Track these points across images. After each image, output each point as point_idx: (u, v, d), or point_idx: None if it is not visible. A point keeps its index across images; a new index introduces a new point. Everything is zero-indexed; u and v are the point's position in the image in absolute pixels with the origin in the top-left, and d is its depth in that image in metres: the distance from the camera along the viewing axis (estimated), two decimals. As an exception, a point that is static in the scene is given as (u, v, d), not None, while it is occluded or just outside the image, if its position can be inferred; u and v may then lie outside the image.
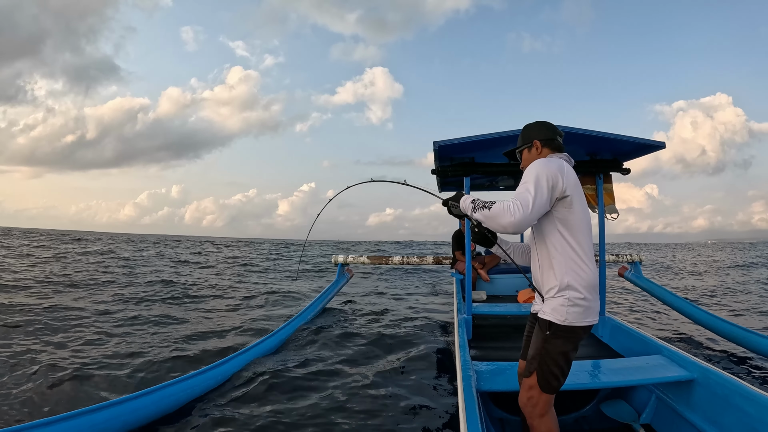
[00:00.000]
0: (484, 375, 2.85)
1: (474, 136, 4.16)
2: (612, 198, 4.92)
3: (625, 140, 4.21)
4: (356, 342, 5.48)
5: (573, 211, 2.03)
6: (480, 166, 4.67)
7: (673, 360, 3.07)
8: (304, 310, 6.06)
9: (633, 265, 7.77)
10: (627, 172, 4.73)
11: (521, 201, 1.90)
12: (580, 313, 1.98)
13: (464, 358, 3.09)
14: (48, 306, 7.09)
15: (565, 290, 1.99)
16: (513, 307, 5.18)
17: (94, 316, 6.65)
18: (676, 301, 6.44)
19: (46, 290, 9.02)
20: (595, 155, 4.72)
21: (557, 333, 1.99)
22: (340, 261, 7.77)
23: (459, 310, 4.81)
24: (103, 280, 10.99)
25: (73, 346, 5.10)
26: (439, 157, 4.70)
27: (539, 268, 2.16)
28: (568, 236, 2.03)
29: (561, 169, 2.02)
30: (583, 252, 2.03)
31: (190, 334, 5.79)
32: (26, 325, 5.86)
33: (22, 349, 4.82)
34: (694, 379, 2.80)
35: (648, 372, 2.90)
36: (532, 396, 2.06)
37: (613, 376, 2.87)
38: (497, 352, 3.95)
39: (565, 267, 2.01)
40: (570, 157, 2.24)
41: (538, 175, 1.96)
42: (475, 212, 2.01)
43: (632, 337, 3.79)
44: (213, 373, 3.85)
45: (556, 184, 1.97)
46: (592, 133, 4.00)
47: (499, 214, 1.90)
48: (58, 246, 26.35)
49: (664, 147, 4.26)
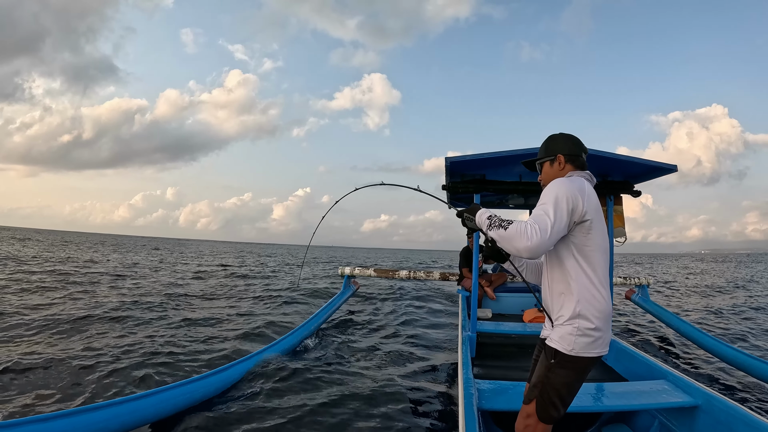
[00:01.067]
0: (486, 393, 2.86)
1: (485, 153, 4.20)
2: (622, 221, 4.91)
3: (636, 162, 4.23)
4: (357, 355, 5.49)
5: (591, 236, 1.91)
6: (491, 184, 4.69)
7: (678, 385, 3.05)
8: (308, 320, 6.07)
9: (640, 288, 7.72)
10: (638, 195, 4.74)
11: (540, 225, 1.78)
12: (588, 343, 1.86)
13: (467, 375, 3.09)
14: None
15: (575, 319, 1.88)
16: (518, 326, 5.16)
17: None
18: (684, 326, 6.37)
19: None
20: (606, 177, 4.73)
21: (562, 362, 1.89)
22: (346, 273, 7.79)
23: (464, 327, 4.81)
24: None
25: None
26: (450, 173, 4.73)
27: (549, 293, 2.04)
28: (583, 262, 1.91)
29: (582, 191, 1.90)
30: (598, 280, 1.91)
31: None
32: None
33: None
34: (698, 406, 2.78)
35: (652, 397, 2.89)
36: (528, 424, 1.97)
37: (616, 400, 2.86)
38: (500, 371, 3.94)
39: (578, 295, 1.89)
40: (592, 176, 2.10)
41: (558, 196, 1.85)
42: (491, 230, 1.88)
43: (637, 360, 3.77)
44: (214, 379, 3.87)
45: (575, 207, 1.86)
46: (603, 154, 4.03)
47: (515, 236, 1.79)
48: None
49: (676, 170, 4.26)
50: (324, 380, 4.44)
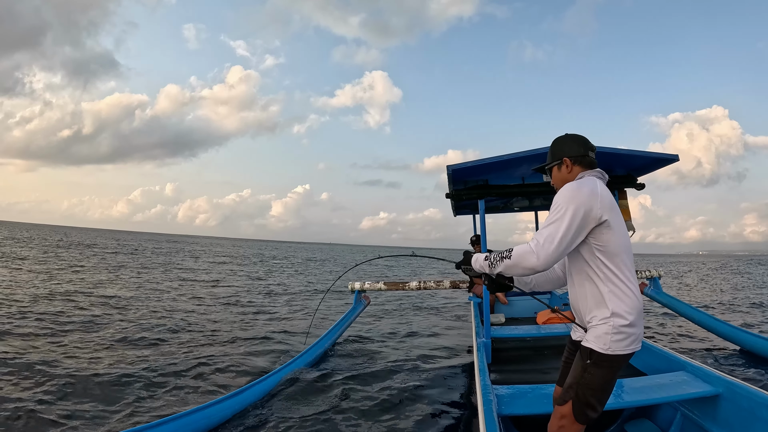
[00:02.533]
0: (505, 399, 2.85)
1: (487, 159, 4.22)
2: (628, 214, 4.92)
3: (638, 155, 4.24)
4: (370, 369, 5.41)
5: (612, 234, 1.89)
6: (494, 188, 4.71)
7: (697, 376, 3.04)
8: (319, 340, 6.04)
9: (652, 281, 7.66)
10: (642, 188, 4.74)
11: (545, 237, 1.81)
12: (623, 340, 1.84)
13: (484, 382, 3.08)
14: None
15: (610, 318, 1.85)
16: (532, 329, 5.15)
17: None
18: (699, 315, 6.33)
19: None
20: (609, 171, 4.75)
21: (599, 362, 1.86)
22: (356, 288, 7.79)
23: (477, 333, 4.80)
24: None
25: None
26: (453, 181, 4.75)
27: (577, 297, 2.02)
28: (608, 262, 1.89)
29: (594, 193, 1.88)
30: (626, 277, 1.89)
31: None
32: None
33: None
34: (719, 394, 2.77)
35: (672, 389, 2.88)
36: (563, 425, 1.95)
37: (637, 395, 2.84)
38: (518, 375, 3.93)
39: (609, 294, 1.87)
40: (603, 172, 2.10)
41: (567, 206, 1.84)
42: (495, 267, 1.93)
43: (654, 354, 3.75)
44: (228, 403, 3.82)
45: (588, 213, 1.84)
46: (604, 149, 4.03)
47: (521, 258, 1.83)
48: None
49: (678, 160, 4.26)
50: (338, 396, 4.41)
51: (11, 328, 6.84)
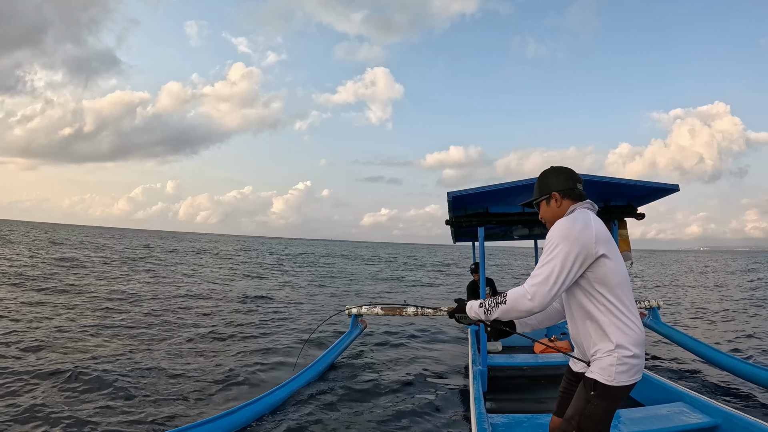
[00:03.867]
0: (500, 428, 2.82)
1: (488, 186, 4.26)
2: (627, 244, 4.92)
3: (637, 185, 4.27)
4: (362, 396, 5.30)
5: (610, 267, 1.87)
6: (494, 216, 4.72)
7: (696, 406, 3.01)
8: (313, 364, 5.96)
9: (651, 311, 7.62)
10: (642, 217, 4.75)
11: (540, 278, 1.80)
12: (628, 371, 1.83)
13: (479, 410, 3.05)
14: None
15: (614, 350, 1.83)
16: (529, 357, 5.10)
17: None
18: (700, 347, 6.26)
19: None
20: (609, 201, 4.76)
21: (603, 394, 1.84)
22: (353, 312, 7.75)
23: (474, 361, 4.75)
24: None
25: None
26: (453, 207, 4.77)
27: (579, 332, 2.00)
28: (608, 294, 1.87)
29: (588, 227, 1.87)
30: (626, 308, 1.87)
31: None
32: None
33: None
34: (717, 425, 2.74)
35: (670, 420, 2.85)
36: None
37: (634, 426, 2.81)
38: (514, 404, 3.88)
39: (612, 327, 1.85)
40: (593, 204, 2.06)
41: (561, 244, 1.83)
42: (491, 314, 1.92)
43: (652, 384, 3.71)
44: (219, 424, 3.72)
45: (585, 250, 1.83)
46: (604, 179, 4.07)
47: (515, 302, 1.83)
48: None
49: (678, 190, 4.28)
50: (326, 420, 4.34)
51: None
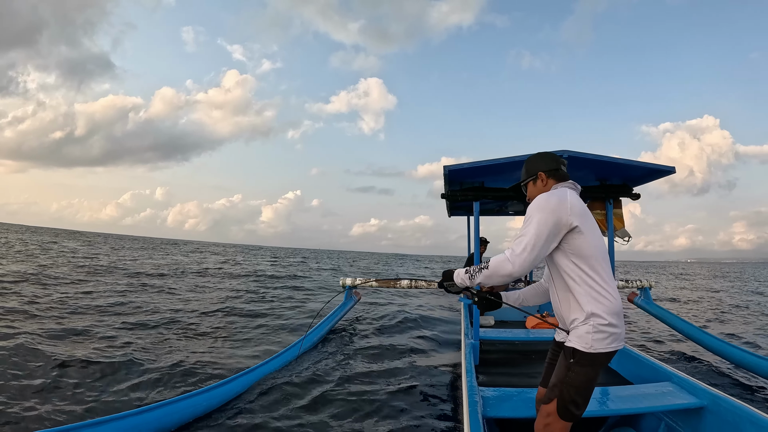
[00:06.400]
0: (491, 401, 2.84)
1: (484, 161, 4.21)
2: (622, 222, 4.94)
3: (635, 165, 4.24)
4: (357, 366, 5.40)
5: (584, 239, 2.00)
6: (489, 191, 4.70)
7: (683, 387, 3.04)
8: (310, 332, 6.05)
9: (643, 291, 7.69)
10: (637, 197, 4.74)
11: (517, 245, 1.95)
12: (604, 339, 1.94)
13: (470, 383, 3.07)
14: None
15: (589, 318, 1.96)
16: (521, 332, 5.15)
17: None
18: (688, 327, 6.35)
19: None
20: (605, 181, 4.74)
21: (582, 361, 1.96)
22: (348, 284, 7.78)
23: (466, 334, 4.79)
24: None
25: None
26: (449, 182, 4.74)
27: (559, 302, 2.14)
28: (583, 265, 2.00)
29: (563, 201, 2.01)
30: (602, 279, 2.00)
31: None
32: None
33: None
34: (704, 407, 2.77)
35: (657, 399, 2.88)
36: (549, 423, 2.02)
37: (622, 404, 2.84)
38: (504, 378, 3.92)
39: (587, 297, 1.98)
40: (575, 183, 2.23)
41: (536, 215, 1.98)
42: (475, 278, 2.05)
43: (641, 363, 3.76)
44: (218, 392, 3.87)
45: (559, 220, 1.97)
46: (602, 158, 4.04)
47: (497, 267, 1.96)
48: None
49: (674, 172, 4.27)
50: (325, 391, 4.40)
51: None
